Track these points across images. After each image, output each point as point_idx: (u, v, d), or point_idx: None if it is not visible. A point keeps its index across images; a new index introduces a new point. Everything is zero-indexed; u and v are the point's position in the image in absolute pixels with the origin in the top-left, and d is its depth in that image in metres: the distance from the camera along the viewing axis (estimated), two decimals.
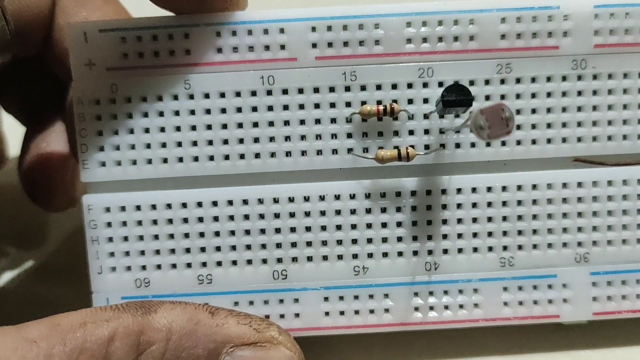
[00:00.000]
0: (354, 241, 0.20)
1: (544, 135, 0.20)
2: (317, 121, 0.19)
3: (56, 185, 0.23)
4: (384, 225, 0.20)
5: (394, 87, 0.19)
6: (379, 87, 0.19)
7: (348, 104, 0.19)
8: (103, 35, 0.19)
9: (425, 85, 0.19)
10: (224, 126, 0.19)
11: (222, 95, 0.19)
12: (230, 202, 0.20)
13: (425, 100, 0.19)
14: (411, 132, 0.20)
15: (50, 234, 0.27)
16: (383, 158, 0.19)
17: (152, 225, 0.20)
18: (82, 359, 0.16)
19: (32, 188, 0.23)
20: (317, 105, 0.19)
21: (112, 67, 0.19)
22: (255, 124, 0.19)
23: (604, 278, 0.20)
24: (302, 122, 0.19)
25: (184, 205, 0.20)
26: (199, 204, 0.20)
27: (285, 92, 0.19)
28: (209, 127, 0.19)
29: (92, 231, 0.20)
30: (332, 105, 0.19)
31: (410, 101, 0.19)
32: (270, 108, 0.19)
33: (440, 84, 0.19)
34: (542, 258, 0.20)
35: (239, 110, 0.19)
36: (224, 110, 0.19)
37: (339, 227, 0.20)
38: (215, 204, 0.20)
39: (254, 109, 0.19)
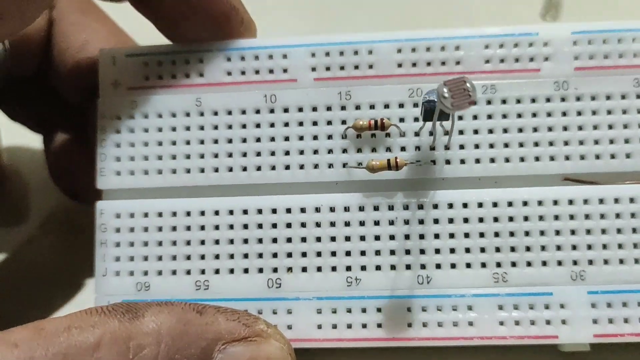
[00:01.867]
0: (348, 253, 0.21)
1: (532, 153, 0.21)
2: (315, 137, 0.22)
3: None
4: (377, 238, 0.21)
5: (386, 106, 0.22)
6: (372, 107, 0.22)
7: (343, 122, 0.22)
8: (129, 59, 0.22)
9: (415, 105, 0.22)
10: (229, 141, 0.22)
11: (229, 112, 0.22)
12: (231, 212, 0.22)
13: (416, 119, 0.22)
14: (403, 149, 0.22)
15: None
16: (374, 167, 0.21)
17: (157, 231, 0.22)
18: None
19: (73, 190, 0.26)
20: (314, 123, 0.22)
21: (134, 86, 0.22)
22: (258, 139, 0.22)
23: (603, 298, 0.20)
24: (301, 137, 0.22)
25: (188, 213, 0.22)
26: (202, 213, 0.22)
27: (286, 110, 0.22)
28: (216, 141, 0.22)
29: (101, 234, 0.22)
30: (329, 122, 0.22)
31: (401, 119, 0.22)
32: (272, 125, 0.22)
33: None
34: (537, 275, 0.21)
35: (244, 126, 0.22)
36: (230, 126, 0.22)
37: (333, 239, 0.21)
38: (217, 212, 0.22)
39: (257, 125, 0.22)
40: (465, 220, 0.21)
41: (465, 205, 0.21)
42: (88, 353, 0.17)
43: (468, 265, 0.21)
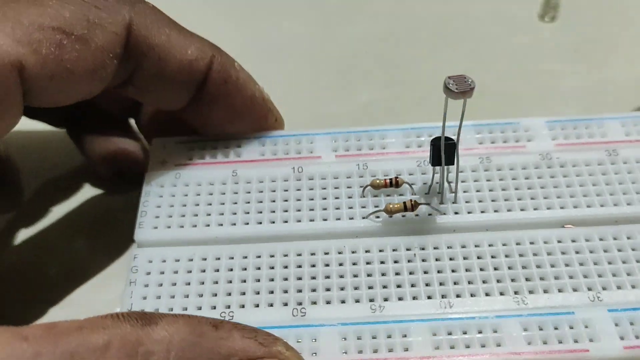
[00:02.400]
0: (370, 287, 0.22)
1: (530, 205, 0.24)
2: (336, 197, 0.25)
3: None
4: (397, 273, 0.23)
5: (398, 174, 0.25)
6: (386, 175, 0.25)
7: (361, 186, 0.25)
8: (177, 145, 0.27)
9: (423, 173, 0.25)
10: (260, 201, 0.25)
11: (261, 181, 0.25)
12: (258, 256, 0.23)
13: (425, 183, 0.25)
14: None
15: None
16: (391, 210, 0.23)
17: (186, 273, 0.23)
18: None
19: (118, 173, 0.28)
20: (336, 187, 0.25)
21: (179, 164, 0.26)
22: (285, 200, 0.25)
23: (625, 315, 0.21)
24: (324, 198, 0.25)
25: (218, 258, 0.23)
26: (231, 257, 0.23)
27: (311, 178, 0.25)
28: (247, 202, 0.25)
29: (132, 275, 0.23)
30: (349, 187, 0.25)
31: (412, 184, 0.25)
32: (298, 189, 0.25)
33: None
34: (556, 299, 0.22)
35: (273, 191, 0.25)
36: (260, 191, 0.25)
37: (355, 275, 0.23)
38: (245, 257, 0.23)
39: (285, 190, 0.25)
40: (479, 257, 0.23)
41: (477, 245, 0.23)
42: (96, 354, 0.17)
43: (487, 294, 0.22)
